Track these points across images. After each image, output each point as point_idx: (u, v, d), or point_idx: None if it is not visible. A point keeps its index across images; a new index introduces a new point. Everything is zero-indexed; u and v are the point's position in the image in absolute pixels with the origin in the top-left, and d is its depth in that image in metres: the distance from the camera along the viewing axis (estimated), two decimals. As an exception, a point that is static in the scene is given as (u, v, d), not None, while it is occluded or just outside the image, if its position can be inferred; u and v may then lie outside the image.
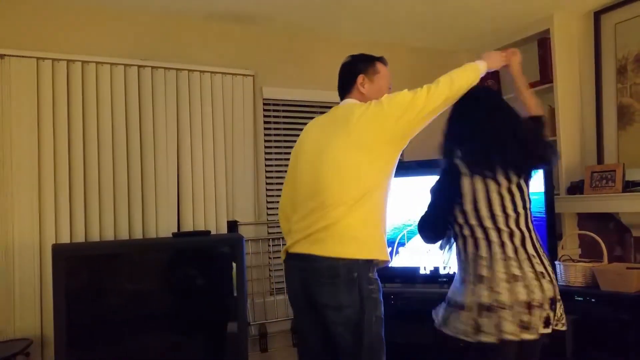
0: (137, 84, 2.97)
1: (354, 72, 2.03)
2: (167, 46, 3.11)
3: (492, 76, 3.88)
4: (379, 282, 1.86)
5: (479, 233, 1.77)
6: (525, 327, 1.68)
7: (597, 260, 2.85)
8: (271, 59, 3.41)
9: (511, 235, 1.76)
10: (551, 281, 1.76)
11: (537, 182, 2.79)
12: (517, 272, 1.72)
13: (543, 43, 3.33)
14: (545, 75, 3.33)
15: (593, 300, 2.66)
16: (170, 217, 3.03)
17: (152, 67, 3.01)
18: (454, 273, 1.91)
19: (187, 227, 3.06)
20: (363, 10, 3.14)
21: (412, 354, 2.07)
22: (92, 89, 2.87)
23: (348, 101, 2.02)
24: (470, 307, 1.73)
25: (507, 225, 1.76)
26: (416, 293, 2.19)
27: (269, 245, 3.35)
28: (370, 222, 1.84)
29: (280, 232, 3.34)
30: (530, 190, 1.86)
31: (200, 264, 2.86)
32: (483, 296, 1.71)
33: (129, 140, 2.95)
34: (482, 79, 4.00)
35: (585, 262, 2.86)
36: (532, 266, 1.74)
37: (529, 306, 1.68)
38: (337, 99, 3.47)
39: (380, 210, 1.87)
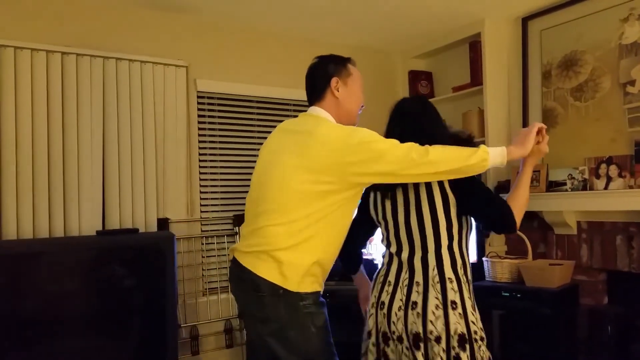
0: (60, 72, 2.78)
1: (325, 75, 1.86)
2: (94, 32, 2.94)
3: (426, 77, 3.98)
4: (318, 294, 1.77)
5: None
6: None
7: (523, 257, 2.98)
8: (206, 51, 3.30)
9: None
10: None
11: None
12: None
13: (474, 46, 3.44)
14: (475, 77, 3.44)
15: (519, 295, 2.77)
16: (95, 214, 2.86)
17: (77, 55, 2.82)
18: None
19: (114, 224, 2.91)
20: (294, 4, 3.09)
21: (348, 353, 2.07)
22: (10, 75, 2.65)
23: (317, 112, 1.86)
24: None
25: None
26: (353, 290, 2.18)
27: (203, 244, 3.25)
28: (299, 248, 1.70)
29: (215, 230, 3.28)
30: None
31: (127, 264, 2.73)
32: None
33: (50, 132, 2.76)
34: (415, 80, 4.09)
35: (511, 259, 2.98)
36: None
37: None
38: (276, 94, 3.54)
39: (314, 240, 1.73)
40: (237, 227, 3.31)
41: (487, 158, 1.71)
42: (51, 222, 2.76)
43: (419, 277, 1.75)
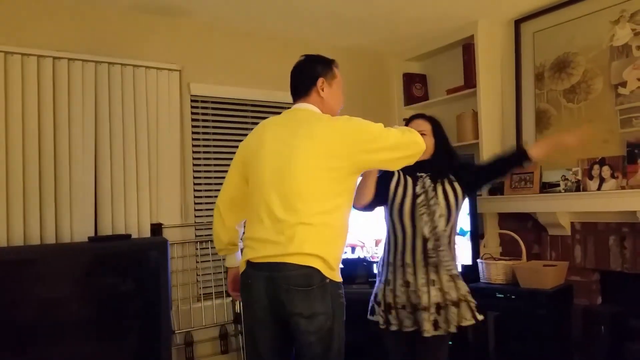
0: (52, 77, 2.75)
1: (313, 74, 1.94)
2: (86, 37, 2.90)
3: (420, 80, 3.99)
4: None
5: None
6: None
7: (517, 258, 2.99)
8: (199, 55, 3.28)
9: None
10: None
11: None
12: None
13: (468, 49, 3.46)
14: (469, 80, 3.45)
15: (513, 296, 2.79)
16: (87, 220, 2.83)
17: (69, 59, 2.79)
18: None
19: (106, 230, 2.87)
20: (286, 6, 3.08)
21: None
22: (0, 80, 2.62)
23: (307, 106, 1.93)
24: None
25: None
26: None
27: (197, 249, 3.23)
28: (338, 236, 1.84)
29: (210, 235, 3.25)
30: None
31: (121, 270, 2.71)
32: None
33: (42, 137, 2.72)
34: (410, 82, 4.10)
35: (505, 260, 2.99)
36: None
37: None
38: (271, 97, 3.52)
39: (340, 231, 1.86)
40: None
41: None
42: (42, 229, 2.72)
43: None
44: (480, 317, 2.12)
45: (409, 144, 1.86)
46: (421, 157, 1.95)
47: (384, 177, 2.15)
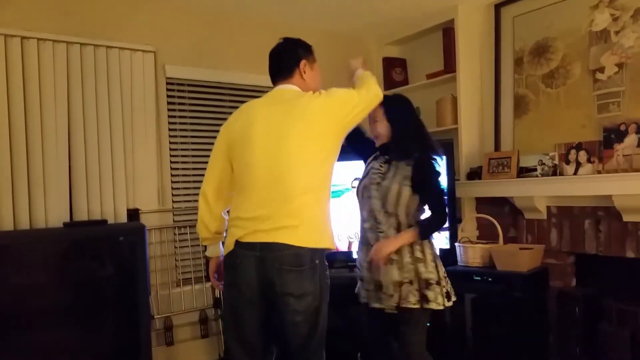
0: (20, 58, 2.66)
1: (295, 56, 1.99)
2: (56, 16, 2.81)
3: (400, 64, 3.98)
4: None
5: None
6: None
7: (494, 241, 3.02)
8: (175, 36, 3.20)
9: None
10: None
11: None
12: None
13: (448, 33, 3.44)
14: (449, 64, 3.44)
15: (490, 279, 2.82)
16: (62, 205, 2.77)
17: (39, 39, 2.71)
18: None
19: (81, 216, 2.82)
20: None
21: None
22: (-34, 61, 2.54)
23: (290, 87, 1.98)
24: None
25: None
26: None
27: (175, 234, 3.19)
28: (328, 212, 1.92)
29: (188, 220, 3.22)
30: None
31: (97, 256, 2.68)
32: None
33: (12, 120, 2.65)
34: (389, 67, 4.08)
35: (482, 243, 3.02)
36: None
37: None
38: (248, 80, 3.47)
39: (329, 202, 1.94)
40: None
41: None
42: (16, 214, 2.66)
43: None
44: (432, 305, 2.06)
45: (373, 99, 2.02)
46: (380, 141, 2.15)
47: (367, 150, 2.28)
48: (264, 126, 1.88)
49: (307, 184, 1.83)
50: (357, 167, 2.44)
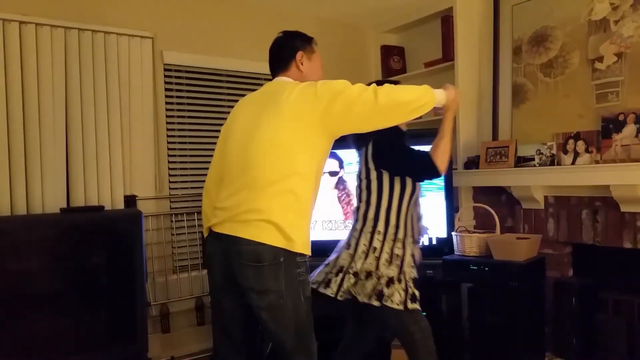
0: (19, 43, 2.65)
1: (292, 48, 1.99)
2: (54, 1, 2.80)
3: (398, 52, 3.96)
4: (306, 262, 1.84)
5: None
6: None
7: (491, 231, 3.01)
8: (173, 22, 3.19)
9: None
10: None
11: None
12: None
13: (446, 21, 3.42)
14: (447, 53, 3.43)
15: (487, 268, 2.82)
16: (58, 191, 2.77)
17: (36, 24, 2.69)
18: None
19: (78, 202, 2.82)
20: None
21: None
22: (-37, 46, 2.52)
23: (282, 79, 1.98)
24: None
25: None
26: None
27: (172, 221, 3.19)
28: (296, 209, 1.79)
29: (185, 207, 3.22)
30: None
31: (94, 242, 2.67)
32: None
33: (9, 106, 2.64)
34: (388, 55, 4.06)
35: (479, 233, 3.01)
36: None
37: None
38: (246, 67, 3.46)
39: (306, 201, 1.82)
40: (207, 204, 3.25)
41: (433, 98, 1.97)
42: (13, 199, 2.66)
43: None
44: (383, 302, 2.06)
45: (384, 107, 1.90)
46: None
47: None
48: (243, 118, 1.90)
49: (275, 175, 1.76)
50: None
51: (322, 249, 2.31)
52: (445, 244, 2.96)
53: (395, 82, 2.03)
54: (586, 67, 2.85)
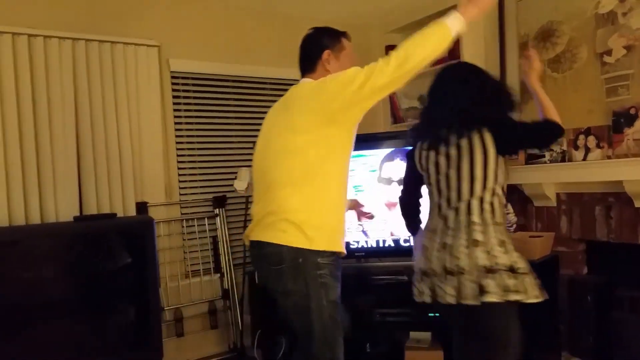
0: (28, 55, 2.71)
1: (318, 47, 1.87)
2: (61, 14, 2.85)
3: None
4: (335, 264, 1.77)
5: None
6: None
7: (503, 229, 2.98)
8: (178, 30, 3.23)
9: None
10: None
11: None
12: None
13: (452, 19, 3.39)
14: (453, 51, 3.39)
15: (499, 267, 2.78)
16: (71, 199, 2.83)
17: (45, 37, 2.75)
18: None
19: (91, 210, 2.87)
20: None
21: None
22: (-24, 60, 2.59)
23: (304, 81, 1.88)
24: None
25: None
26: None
27: (183, 227, 3.22)
28: (316, 208, 1.73)
29: (196, 213, 3.27)
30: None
31: (107, 249, 2.71)
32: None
33: (21, 118, 2.70)
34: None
35: (492, 232, 2.98)
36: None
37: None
38: (253, 72, 3.49)
39: (328, 198, 1.76)
40: (217, 209, 3.28)
41: (449, 30, 1.73)
42: (27, 209, 2.72)
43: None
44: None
45: (396, 69, 1.82)
46: None
47: None
48: (265, 128, 1.92)
49: (290, 175, 1.73)
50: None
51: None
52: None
53: None
54: (594, 61, 2.80)
